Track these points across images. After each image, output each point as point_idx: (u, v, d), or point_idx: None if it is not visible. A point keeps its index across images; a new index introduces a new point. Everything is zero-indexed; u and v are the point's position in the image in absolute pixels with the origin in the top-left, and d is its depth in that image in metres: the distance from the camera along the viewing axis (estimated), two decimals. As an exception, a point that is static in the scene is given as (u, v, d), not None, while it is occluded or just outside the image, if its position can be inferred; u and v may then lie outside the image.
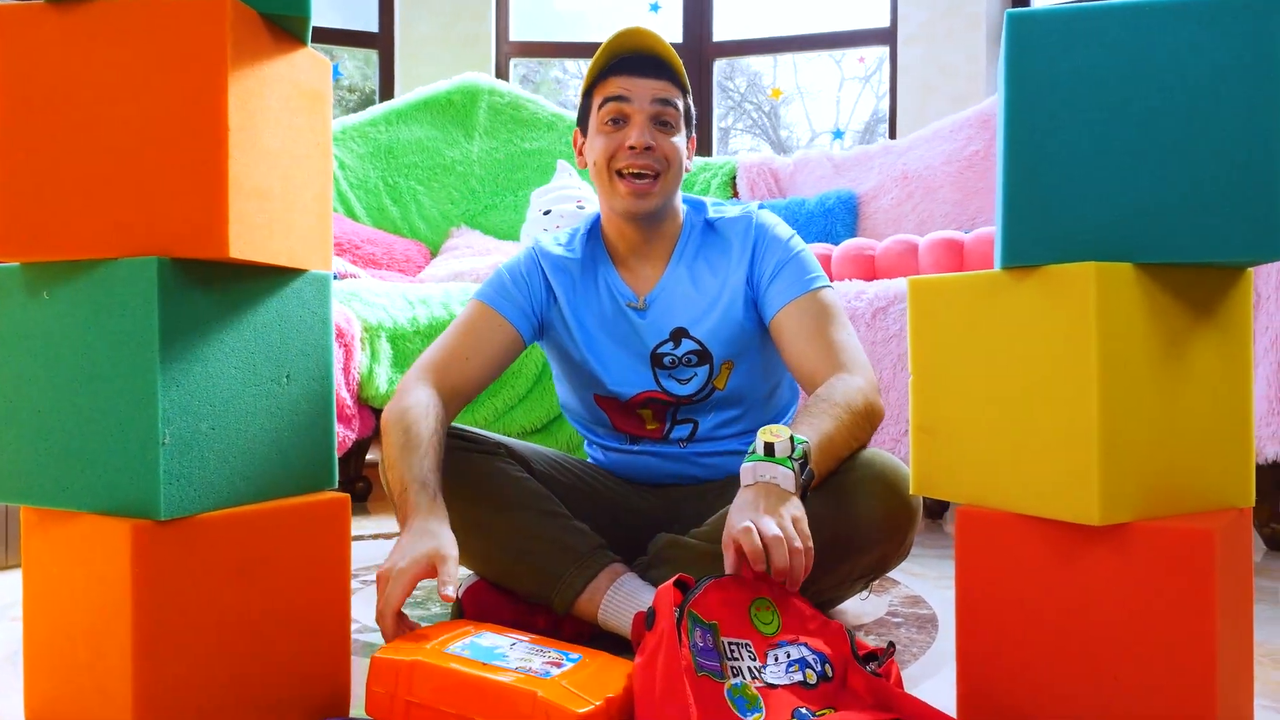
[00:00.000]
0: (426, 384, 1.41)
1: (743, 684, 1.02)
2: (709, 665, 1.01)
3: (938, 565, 1.93)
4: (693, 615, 1.03)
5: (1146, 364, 0.99)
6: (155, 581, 0.98)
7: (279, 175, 1.07)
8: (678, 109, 1.45)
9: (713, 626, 1.05)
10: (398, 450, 1.31)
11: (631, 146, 1.41)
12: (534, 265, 1.54)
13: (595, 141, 1.46)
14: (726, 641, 1.05)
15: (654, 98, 1.42)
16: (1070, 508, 0.99)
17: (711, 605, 1.06)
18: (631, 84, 1.42)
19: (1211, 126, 0.97)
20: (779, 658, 1.06)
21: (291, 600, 1.09)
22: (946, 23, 3.81)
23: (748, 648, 1.06)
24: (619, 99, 1.42)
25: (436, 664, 1.01)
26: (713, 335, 1.49)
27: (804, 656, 1.07)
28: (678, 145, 1.45)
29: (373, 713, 1.02)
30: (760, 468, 1.16)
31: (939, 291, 1.13)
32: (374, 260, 3.17)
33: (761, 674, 1.04)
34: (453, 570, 1.13)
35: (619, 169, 1.43)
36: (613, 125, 1.43)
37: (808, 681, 1.05)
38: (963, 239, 2.52)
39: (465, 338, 1.48)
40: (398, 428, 1.33)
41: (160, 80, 0.99)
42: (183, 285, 0.99)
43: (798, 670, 1.05)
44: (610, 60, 1.44)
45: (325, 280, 1.17)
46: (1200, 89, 0.97)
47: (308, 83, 1.14)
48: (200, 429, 1.01)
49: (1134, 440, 0.98)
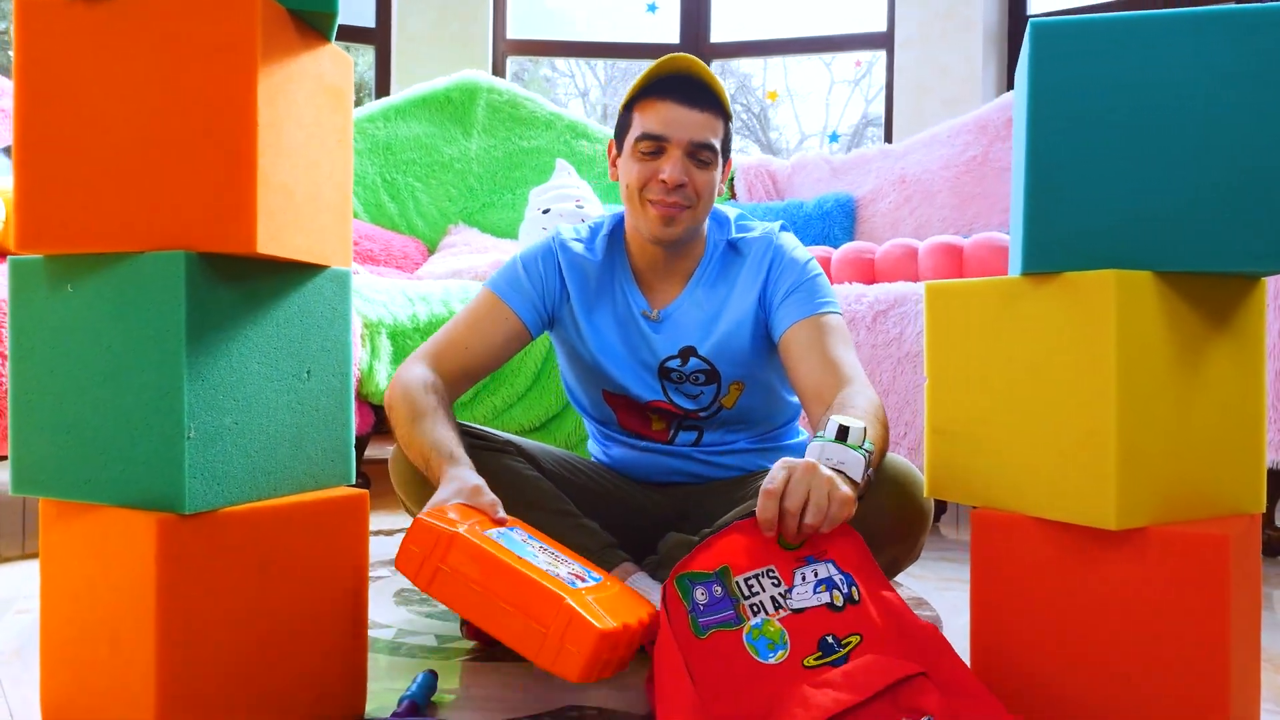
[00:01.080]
0: (422, 364, 1.44)
1: (764, 622, 1.02)
2: (718, 618, 1.02)
3: (937, 567, 1.94)
4: (682, 581, 1.03)
5: (1164, 371, 1.01)
6: (179, 576, 0.98)
7: (303, 171, 1.07)
8: (716, 149, 1.43)
9: (722, 571, 1.05)
10: (408, 425, 1.34)
11: (664, 181, 1.41)
12: (550, 258, 1.53)
13: (629, 165, 1.45)
14: (742, 579, 1.05)
15: (692, 139, 1.41)
16: (1087, 512, 1.00)
17: (721, 550, 1.07)
18: (673, 114, 1.40)
19: (1231, 137, 0.98)
20: (806, 576, 1.06)
21: (310, 596, 1.09)
22: (942, 26, 3.83)
23: (770, 574, 1.06)
24: (657, 137, 1.41)
25: (475, 542, 1.06)
26: (720, 354, 1.49)
27: (830, 576, 1.07)
28: (712, 179, 1.45)
29: (402, 568, 1.09)
30: (830, 449, 1.13)
31: (956, 296, 1.14)
32: (371, 256, 3.17)
33: (788, 599, 1.04)
34: (491, 497, 1.19)
35: (650, 198, 1.43)
36: (648, 155, 1.43)
37: (834, 604, 1.05)
38: (962, 244, 2.54)
39: (468, 327, 1.49)
40: (403, 404, 1.36)
41: (189, 74, 0.99)
42: (209, 280, 0.99)
43: (825, 591, 1.05)
44: (655, 79, 1.43)
45: (345, 276, 1.17)
46: (1221, 100, 0.99)
47: (331, 79, 1.14)
48: (224, 423, 1.01)
49: (1150, 446, 1.00)
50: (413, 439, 1.32)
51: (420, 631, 1.47)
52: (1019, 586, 1.07)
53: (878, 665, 0.99)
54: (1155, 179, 1.00)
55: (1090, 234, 1.01)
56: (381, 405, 2.52)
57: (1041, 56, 1.02)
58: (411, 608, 1.60)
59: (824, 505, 1.06)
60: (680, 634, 1.00)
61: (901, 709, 0.96)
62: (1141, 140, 1.00)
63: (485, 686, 1.26)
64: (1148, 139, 1.00)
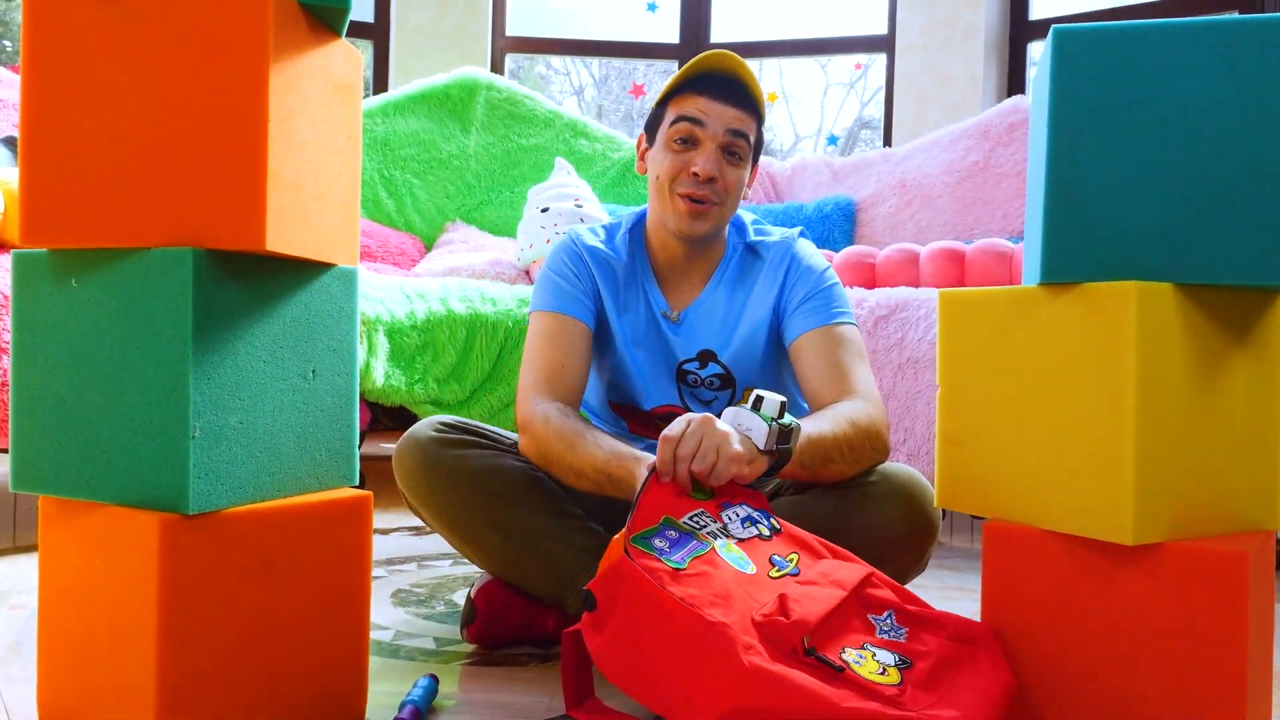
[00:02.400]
0: (540, 399, 1.39)
1: (726, 545, 1.08)
2: (689, 548, 1.05)
3: (940, 576, 1.94)
4: (638, 540, 1.05)
5: (1183, 384, 1.00)
6: (182, 576, 0.96)
7: (312, 168, 1.05)
8: (749, 142, 1.43)
9: (665, 520, 1.08)
10: (569, 453, 1.31)
11: (696, 173, 1.40)
12: (579, 259, 1.51)
13: (661, 156, 1.44)
14: (687, 518, 1.10)
15: (728, 128, 1.40)
16: (1103, 526, 0.99)
17: (651, 507, 1.09)
18: (709, 107, 1.40)
19: (1254, 148, 0.97)
20: (731, 517, 1.13)
21: (312, 597, 1.08)
22: (944, 32, 3.82)
23: (704, 514, 1.12)
24: (694, 120, 1.40)
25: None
26: (737, 361, 1.49)
27: (750, 514, 1.15)
28: (741, 178, 1.44)
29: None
30: (741, 415, 1.18)
31: (971, 304, 1.13)
32: (368, 252, 3.15)
33: (728, 532, 1.11)
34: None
35: (681, 191, 1.42)
36: (681, 145, 1.41)
37: (762, 534, 1.12)
38: (964, 249, 2.53)
39: (553, 349, 1.44)
40: (554, 438, 1.33)
41: (200, 69, 0.97)
42: (216, 277, 0.98)
43: (751, 525, 1.13)
44: (694, 74, 1.42)
45: (352, 275, 1.15)
46: (1245, 109, 0.98)
47: (341, 75, 1.12)
48: (229, 423, 0.99)
49: (1168, 460, 0.99)
50: (582, 461, 1.29)
51: (419, 634, 1.45)
52: (1031, 601, 1.06)
53: (843, 568, 1.09)
54: (1177, 189, 0.99)
55: (1111, 244, 1.00)
56: (378, 403, 2.50)
57: (1063, 63, 1.01)
58: (409, 609, 1.58)
59: (711, 458, 1.11)
60: (662, 576, 1.01)
61: (867, 605, 1.06)
62: (1164, 149, 0.99)
63: (485, 691, 1.24)
64: (1170, 148, 0.99)
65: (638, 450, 1.27)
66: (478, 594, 1.39)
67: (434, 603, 1.63)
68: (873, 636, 1.02)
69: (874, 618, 1.04)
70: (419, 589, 1.71)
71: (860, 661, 0.96)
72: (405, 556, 1.96)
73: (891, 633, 1.03)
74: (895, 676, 0.96)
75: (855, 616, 1.03)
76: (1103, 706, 1.01)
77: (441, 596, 1.66)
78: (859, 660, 0.97)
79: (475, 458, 1.39)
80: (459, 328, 2.62)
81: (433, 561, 1.92)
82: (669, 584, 1.00)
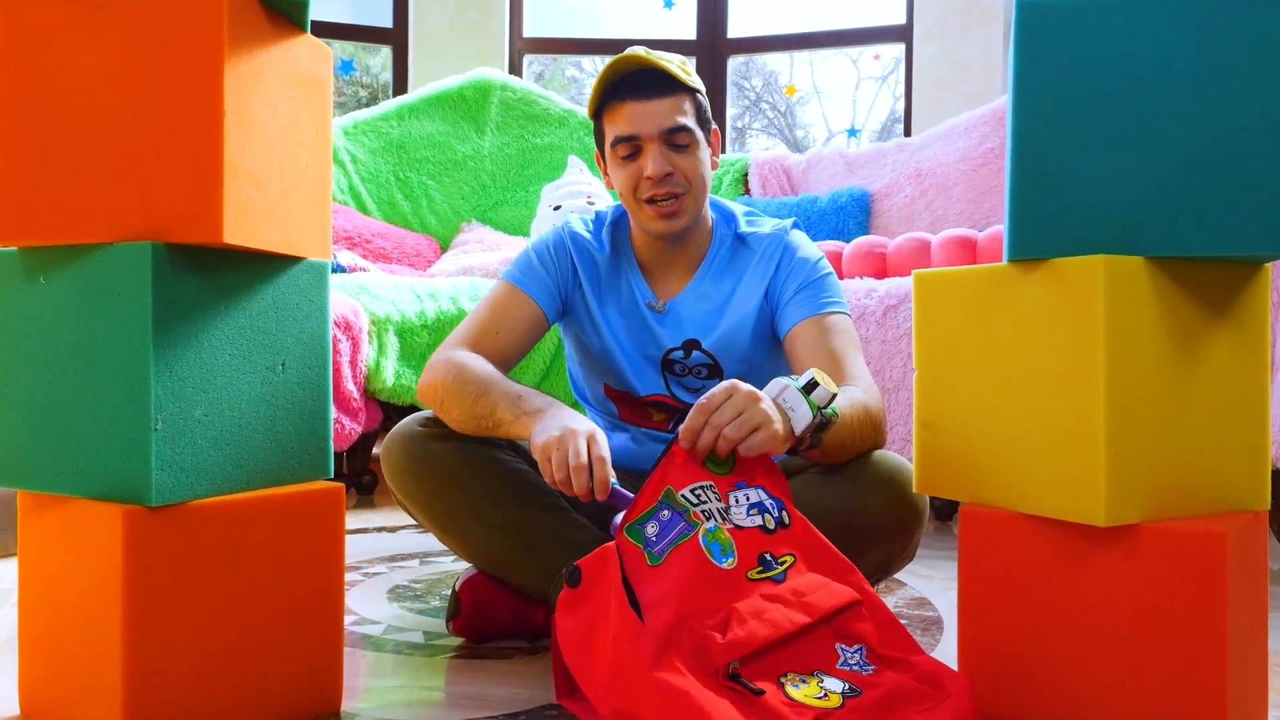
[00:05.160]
0: (460, 349, 1.41)
1: (716, 528, 1.04)
2: (672, 536, 1.02)
3: (945, 566, 1.90)
4: (632, 529, 1.04)
5: (1156, 361, 0.97)
6: (147, 568, 0.97)
7: (276, 161, 1.06)
8: (690, 129, 1.42)
9: (665, 494, 1.06)
10: (474, 396, 1.30)
11: (649, 177, 1.40)
12: (562, 246, 1.52)
13: (616, 173, 1.45)
14: (689, 490, 1.06)
15: (661, 127, 1.39)
16: (1075, 508, 0.97)
17: (659, 482, 1.07)
18: (636, 111, 1.40)
19: (1227, 115, 0.94)
20: (739, 500, 1.08)
21: (284, 590, 1.08)
22: (962, 19, 3.77)
23: (711, 488, 1.08)
24: (627, 139, 1.41)
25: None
26: (723, 349, 1.48)
27: (761, 501, 1.09)
28: (698, 160, 1.43)
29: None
30: (789, 393, 1.14)
31: (945, 285, 1.11)
32: (384, 254, 3.17)
33: (729, 515, 1.07)
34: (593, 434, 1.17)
35: (644, 198, 1.42)
36: (627, 159, 1.42)
37: (766, 526, 1.07)
38: (976, 237, 2.49)
39: (492, 314, 1.47)
40: (456, 381, 1.33)
41: (156, 63, 0.98)
42: (177, 270, 0.98)
43: (757, 514, 1.08)
44: (608, 85, 1.42)
45: (323, 268, 1.16)
46: (1216, 78, 0.95)
47: (307, 70, 1.12)
48: (193, 415, 1.00)
49: (1142, 439, 0.96)
50: (485, 397, 1.29)
51: (409, 628, 1.46)
52: (1007, 585, 1.04)
53: (824, 588, 1.03)
54: (1147, 160, 0.96)
55: (1079, 218, 0.98)
56: (389, 401, 2.52)
57: (1027, 36, 0.99)
58: (404, 604, 1.59)
59: (748, 428, 1.07)
60: (634, 573, 1.00)
61: (840, 634, 1.00)
62: (1133, 119, 0.97)
63: (471, 684, 1.24)
64: (1140, 118, 0.96)
65: (539, 398, 1.26)
66: (462, 587, 1.39)
67: (430, 598, 1.63)
68: (831, 666, 0.98)
69: (842, 647, 1.01)
70: (417, 584, 1.72)
71: (799, 686, 0.94)
72: (409, 553, 1.96)
73: (856, 667, 0.99)
74: (836, 701, 0.93)
75: (821, 641, 0.99)
76: (1080, 693, 0.99)
77: (438, 592, 1.66)
78: (799, 685, 0.94)
79: (461, 450, 1.38)
80: (470, 326, 2.62)
81: (435, 558, 1.92)
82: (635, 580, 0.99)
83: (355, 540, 2.08)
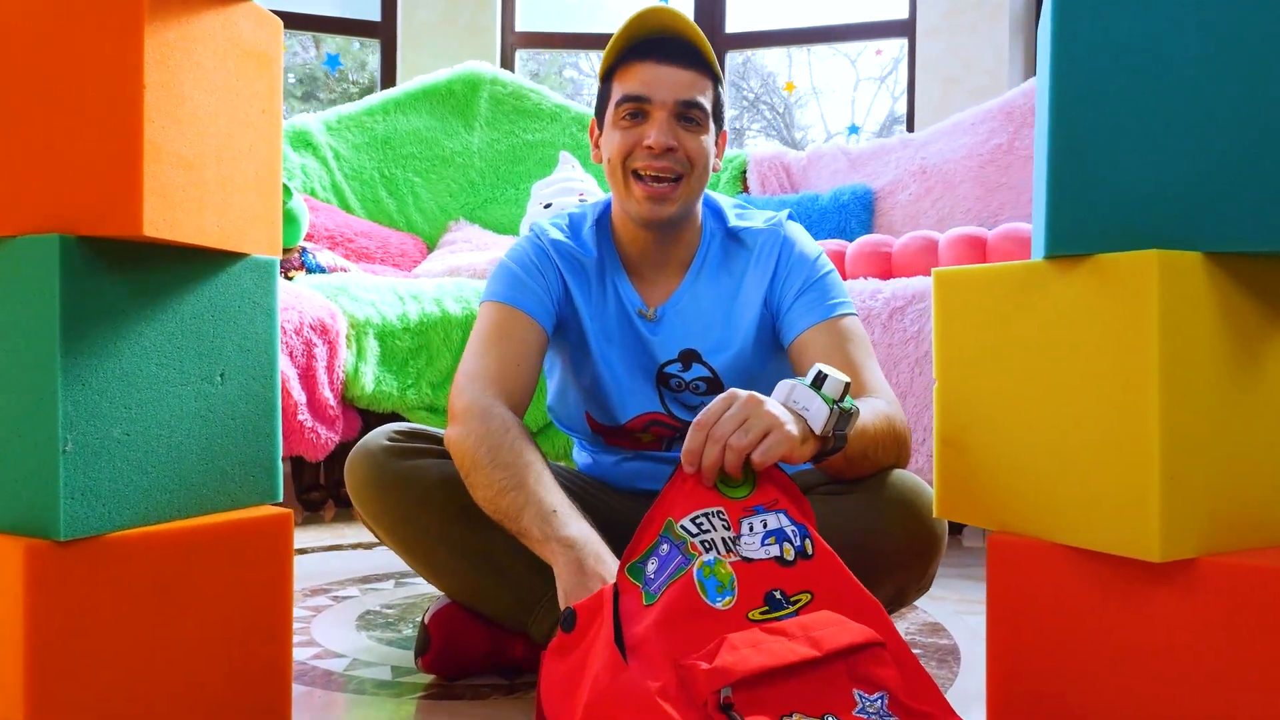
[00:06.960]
0: (491, 397, 1.21)
1: (715, 561, 0.92)
2: (668, 572, 0.91)
3: (959, 587, 1.78)
4: (634, 568, 0.93)
5: (1216, 372, 0.85)
6: (53, 608, 0.84)
7: (212, 144, 0.93)
8: (705, 109, 1.28)
9: (665, 527, 0.94)
10: (505, 478, 1.12)
11: (650, 146, 1.25)
12: (544, 255, 1.35)
13: (611, 136, 1.29)
14: (689, 520, 0.94)
15: (679, 98, 1.25)
16: (1125, 541, 0.84)
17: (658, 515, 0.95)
18: (654, 74, 1.25)
19: (1297, 92, 0.82)
20: (754, 526, 0.95)
21: (222, 632, 0.95)
22: (968, 14, 3.65)
23: (719, 515, 0.95)
24: (639, 98, 1.25)
25: None
26: (724, 362, 1.34)
27: (781, 528, 0.95)
28: (704, 145, 1.28)
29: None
30: (799, 391, 1.02)
31: (969, 285, 0.99)
32: (367, 254, 3.04)
33: (736, 545, 0.94)
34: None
35: (636, 169, 1.27)
36: (631, 120, 1.27)
37: (784, 558, 0.94)
38: (985, 235, 2.37)
39: (508, 345, 1.27)
40: (487, 453, 1.14)
41: (69, 38, 0.86)
42: (91, 268, 0.86)
43: (774, 543, 0.94)
44: (630, 42, 1.27)
45: (270, 266, 1.03)
46: (1276, 56, 0.82)
47: (252, 42, 1.00)
48: (112, 434, 0.87)
49: (1201, 462, 0.84)
50: (510, 501, 1.11)
51: (375, 662, 1.33)
52: (1043, 625, 0.92)
53: (837, 625, 0.90)
54: (1201, 146, 0.84)
55: (1127, 209, 0.85)
56: (368, 409, 2.39)
57: (1066, 13, 0.87)
58: (373, 633, 1.46)
59: (756, 433, 0.95)
60: (630, 613, 0.89)
61: (857, 677, 0.88)
62: (1184, 102, 0.84)
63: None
64: (1191, 101, 0.84)
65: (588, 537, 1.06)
66: (432, 619, 1.26)
67: (401, 625, 1.50)
68: (847, 712, 0.85)
69: (860, 694, 0.87)
70: (389, 610, 1.59)
71: None
72: (384, 574, 1.84)
73: (876, 716, 0.86)
74: None
75: (835, 684, 0.86)
76: (1128, 753, 0.86)
77: (411, 619, 1.54)
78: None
79: (431, 468, 1.25)
80: (454, 329, 2.50)
81: (412, 580, 1.79)
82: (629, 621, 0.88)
83: (328, 559, 1.96)
